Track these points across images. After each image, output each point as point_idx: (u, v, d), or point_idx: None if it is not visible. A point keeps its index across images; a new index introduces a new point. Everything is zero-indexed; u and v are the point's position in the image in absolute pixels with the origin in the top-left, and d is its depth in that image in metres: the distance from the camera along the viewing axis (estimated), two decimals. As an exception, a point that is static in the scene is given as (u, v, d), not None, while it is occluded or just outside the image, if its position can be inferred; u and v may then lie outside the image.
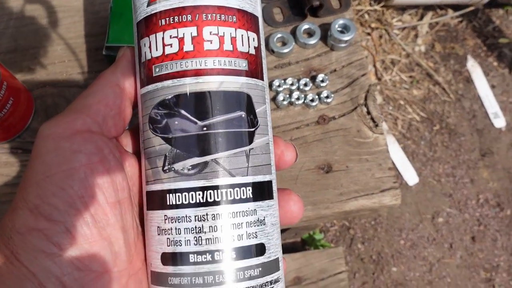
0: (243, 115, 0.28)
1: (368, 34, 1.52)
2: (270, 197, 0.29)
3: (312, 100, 0.53)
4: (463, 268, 1.33)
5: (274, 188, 0.30)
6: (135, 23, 0.29)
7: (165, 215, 0.27)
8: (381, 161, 0.51)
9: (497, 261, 1.34)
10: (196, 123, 0.26)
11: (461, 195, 1.40)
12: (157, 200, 0.27)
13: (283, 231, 0.90)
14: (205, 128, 0.27)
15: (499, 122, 1.49)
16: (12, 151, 0.50)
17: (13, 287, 0.24)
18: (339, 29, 0.55)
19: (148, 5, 0.28)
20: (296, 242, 1.23)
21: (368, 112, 0.53)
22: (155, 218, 0.27)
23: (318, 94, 0.53)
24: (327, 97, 0.53)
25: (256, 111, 0.28)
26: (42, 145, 0.26)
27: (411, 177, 1.40)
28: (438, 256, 1.33)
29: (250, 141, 0.28)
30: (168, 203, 0.27)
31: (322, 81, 0.54)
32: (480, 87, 1.53)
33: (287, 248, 1.15)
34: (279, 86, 0.53)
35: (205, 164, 0.26)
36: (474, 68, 1.55)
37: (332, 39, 0.55)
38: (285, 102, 0.53)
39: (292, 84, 0.54)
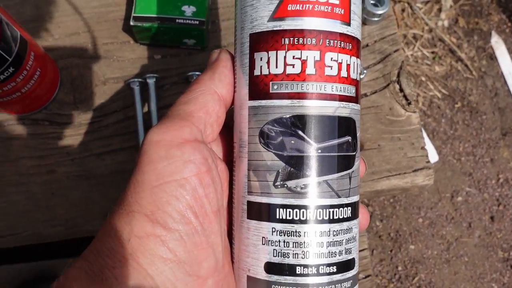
0: (350, 140, 0.29)
1: (390, 7, 1.48)
2: (358, 215, 0.31)
3: (343, 76, 0.51)
4: (481, 247, 1.32)
5: None
6: (247, 32, 0.29)
7: (273, 228, 0.28)
8: (413, 140, 0.50)
9: (515, 241, 1.33)
10: (312, 145, 0.28)
11: (481, 175, 1.38)
12: (263, 212, 0.29)
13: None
14: (319, 151, 0.28)
15: (522, 100, 1.46)
16: (39, 122, 0.49)
17: None
18: (372, 1, 0.53)
19: (270, 20, 0.28)
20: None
21: (401, 89, 0.52)
22: (260, 228, 0.29)
23: (350, 69, 0.52)
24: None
25: (357, 135, 0.30)
26: (153, 151, 0.28)
27: (431, 155, 1.38)
28: (456, 235, 1.33)
29: (352, 164, 0.30)
30: (277, 217, 0.28)
31: (354, 56, 0.52)
32: (504, 64, 1.49)
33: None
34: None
35: (318, 184, 0.28)
36: (498, 44, 1.51)
37: (365, 12, 0.53)
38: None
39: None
